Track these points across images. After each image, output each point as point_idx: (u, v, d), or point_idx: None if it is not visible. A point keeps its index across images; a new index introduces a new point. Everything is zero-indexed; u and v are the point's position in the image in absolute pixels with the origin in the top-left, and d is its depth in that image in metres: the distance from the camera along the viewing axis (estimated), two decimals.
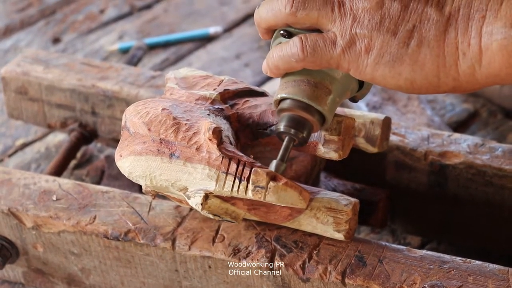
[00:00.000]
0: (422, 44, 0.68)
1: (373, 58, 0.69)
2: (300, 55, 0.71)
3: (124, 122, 0.81)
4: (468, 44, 0.67)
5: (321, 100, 0.73)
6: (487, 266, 0.76)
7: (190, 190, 0.76)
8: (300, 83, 0.73)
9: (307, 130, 0.74)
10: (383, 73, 0.70)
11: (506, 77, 0.67)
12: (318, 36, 0.71)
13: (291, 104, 0.74)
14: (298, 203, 0.74)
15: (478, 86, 0.69)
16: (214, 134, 0.75)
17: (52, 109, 1.06)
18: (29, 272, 0.91)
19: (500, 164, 0.88)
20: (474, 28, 0.67)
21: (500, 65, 0.66)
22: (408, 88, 0.70)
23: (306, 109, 0.73)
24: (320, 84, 0.73)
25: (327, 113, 0.74)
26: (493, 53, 0.66)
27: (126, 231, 0.84)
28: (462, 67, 0.68)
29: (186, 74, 0.85)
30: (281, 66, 0.73)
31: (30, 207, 0.87)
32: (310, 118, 0.74)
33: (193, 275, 0.83)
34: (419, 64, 0.68)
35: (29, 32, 1.39)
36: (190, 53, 1.33)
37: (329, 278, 0.77)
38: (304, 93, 0.73)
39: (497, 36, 0.66)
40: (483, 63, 0.67)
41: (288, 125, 0.74)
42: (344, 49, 0.70)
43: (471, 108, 1.16)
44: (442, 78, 0.68)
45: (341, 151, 0.78)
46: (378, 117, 0.85)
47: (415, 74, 0.69)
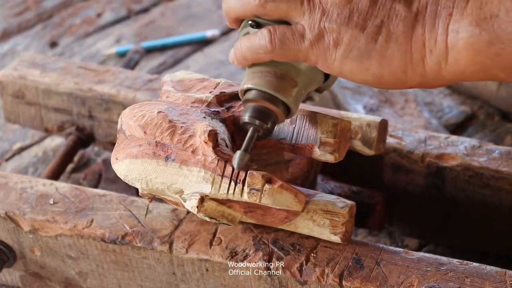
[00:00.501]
0: (390, 40, 0.68)
1: (341, 52, 0.69)
2: (269, 47, 0.72)
3: (120, 125, 0.81)
4: (435, 41, 0.67)
5: (287, 92, 0.74)
6: (485, 268, 0.76)
7: (186, 193, 0.76)
8: (266, 74, 0.74)
9: (272, 121, 0.75)
10: (351, 67, 0.70)
11: (472, 74, 0.67)
12: (286, 28, 0.71)
13: (256, 95, 0.74)
14: (294, 205, 0.74)
15: (444, 82, 0.69)
16: (210, 137, 0.75)
17: (49, 113, 1.06)
18: (26, 276, 0.91)
19: (497, 166, 0.88)
20: (441, 25, 0.67)
21: (466, 63, 0.66)
22: (375, 83, 0.70)
23: (271, 101, 0.74)
24: (286, 76, 0.74)
25: (292, 104, 0.74)
26: (459, 51, 0.66)
27: (123, 235, 0.83)
28: (428, 64, 0.68)
29: (182, 77, 0.85)
30: (249, 57, 0.74)
31: (27, 211, 0.87)
32: (275, 109, 0.74)
33: (190, 278, 0.83)
34: (387, 59, 0.68)
35: (27, 36, 1.39)
36: (187, 57, 1.33)
37: (327, 280, 0.77)
38: (270, 84, 0.74)
39: (463, 34, 0.66)
40: (449, 60, 0.67)
41: (252, 115, 0.74)
42: (313, 42, 0.70)
43: (469, 110, 1.16)
44: (409, 74, 0.69)
45: (337, 153, 0.78)
46: (374, 119, 0.85)
47: (382, 70, 0.69)
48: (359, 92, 1.14)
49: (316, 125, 0.78)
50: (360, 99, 1.13)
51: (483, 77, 0.67)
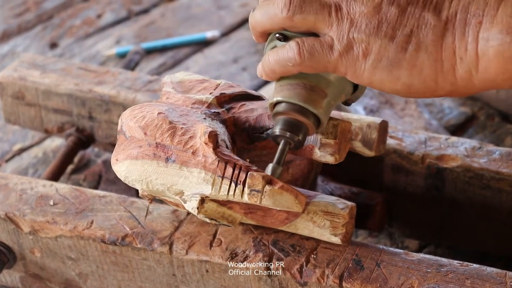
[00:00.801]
0: (420, 49, 0.68)
1: (371, 62, 0.69)
2: (297, 60, 0.71)
3: (120, 126, 0.80)
4: (465, 49, 0.67)
5: (317, 103, 0.73)
6: (485, 270, 0.76)
7: (186, 194, 0.76)
8: (296, 87, 0.73)
9: (303, 133, 0.74)
10: (381, 77, 0.70)
11: (503, 82, 0.67)
12: (315, 40, 0.71)
13: (286, 108, 0.74)
14: (294, 207, 0.74)
15: (475, 90, 0.69)
16: (210, 138, 0.75)
17: (49, 114, 1.05)
18: (26, 277, 0.91)
19: (497, 167, 0.88)
20: (471, 33, 0.67)
21: (496, 71, 0.66)
22: (405, 92, 0.70)
23: (302, 112, 0.73)
24: (316, 88, 0.73)
25: (323, 116, 0.74)
26: (490, 59, 0.66)
27: (124, 236, 0.83)
28: (459, 72, 0.68)
29: (182, 78, 0.85)
30: (277, 70, 0.73)
31: (27, 212, 0.86)
32: (305, 121, 0.74)
33: (190, 279, 0.83)
34: (417, 68, 0.68)
35: (27, 37, 1.39)
36: (187, 58, 1.33)
37: (327, 282, 0.77)
38: (300, 96, 0.73)
39: (493, 42, 0.66)
40: (480, 68, 0.67)
41: (283, 128, 0.74)
42: (342, 53, 0.70)
43: (469, 111, 1.16)
44: (440, 82, 0.69)
45: (337, 154, 0.78)
46: (375, 120, 0.85)
47: (413, 79, 0.69)
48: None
49: None
50: (360, 100, 1.13)
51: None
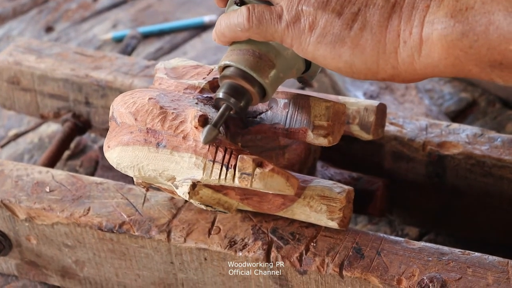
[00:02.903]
0: (365, 28, 0.68)
1: (316, 36, 0.69)
2: (246, 25, 0.72)
3: (112, 112, 0.80)
4: (410, 33, 0.67)
5: (264, 72, 0.74)
6: (487, 258, 0.76)
7: (178, 179, 0.75)
8: (245, 52, 0.74)
9: (246, 100, 0.74)
10: (324, 53, 0.70)
11: (445, 68, 0.66)
12: (265, 8, 0.71)
13: (233, 72, 0.74)
14: (286, 189, 0.73)
15: (417, 77, 0.69)
16: (200, 122, 0.74)
17: (45, 99, 1.05)
18: (22, 264, 0.90)
19: (499, 154, 0.87)
20: (418, 17, 0.66)
21: (439, 56, 0.66)
22: (347, 71, 0.70)
23: (247, 79, 0.74)
24: (265, 57, 0.74)
25: (268, 86, 0.74)
26: (433, 43, 0.66)
27: (121, 223, 0.83)
28: (401, 55, 0.67)
29: (176, 65, 0.84)
30: (227, 34, 0.74)
31: (23, 199, 0.86)
32: (250, 89, 0.74)
33: (188, 267, 0.82)
34: (360, 48, 0.68)
35: (22, 21, 1.38)
36: (184, 42, 1.32)
37: (327, 270, 0.76)
38: (247, 62, 0.74)
39: (437, 26, 0.65)
40: (422, 52, 0.66)
41: (227, 92, 0.74)
42: (289, 24, 0.70)
43: (469, 97, 1.15)
44: (381, 64, 0.68)
45: (331, 136, 0.77)
46: (372, 103, 0.84)
47: (354, 58, 0.68)
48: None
49: (310, 108, 0.77)
50: (360, 86, 1.12)
51: (455, 72, 0.66)
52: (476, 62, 0.65)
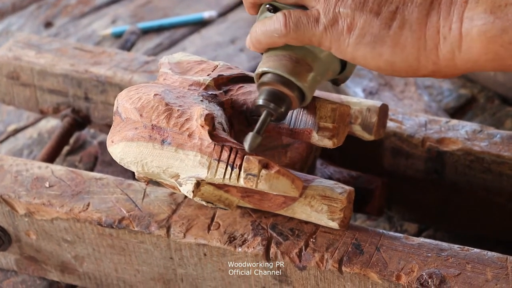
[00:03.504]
0: (404, 26, 0.68)
1: (355, 37, 0.69)
2: (283, 31, 0.72)
3: (116, 107, 0.80)
4: (449, 29, 0.67)
5: (302, 76, 0.73)
6: (486, 254, 0.76)
7: (182, 177, 0.75)
8: (282, 58, 0.74)
9: (286, 105, 0.74)
10: (364, 53, 0.70)
11: (485, 63, 0.67)
12: (302, 12, 0.71)
13: (271, 78, 0.74)
14: (291, 191, 0.73)
15: (457, 71, 0.69)
16: (206, 121, 0.74)
17: (44, 94, 1.04)
18: (21, 259, 0.90)
19: (498, 150, 0.87)
20: (456, 12, 0.66)
21: (479, 51, 0.66)
22: (388, 69, 0.70)
23: (286, 84, 0.73)
24: (302, 61, 0.74)
25: (307, 90, 0.74)
26: (473, 39, 0.66)
27: (120, 219, 0.83)
28: (442, 51, 0.68)
29: (180, 59, 0.84)
30: (263, 41, 0.74)
31: (23, 194, 0.86)
32: (289, 94, 0.74)
33: (188, 262, 0.82)
34: (400, 46, 0.68)
35: (21, 16, 1.38)
36: (184, 38, 1.32)
37: (326, 266, 0.77)
38: (285, 68, 0.73)
39: (477, 22, 0.65)
40: (463, 48, 0.67)
41: (267, 99, 0.74)
42: (327, 27, 0.70)
43: (468, 93, 1.15)
44: (422, 61, 0.68)
45: (336, 138, 0.77)
46: (375, 104, 0.84)
47: (395, 56, 0.69)
48: (359, 75, 1.13)
49: (315, 110, 0.77)
50: (359, 82, 1.12)
51: (496, 67, 0.67)
52: None
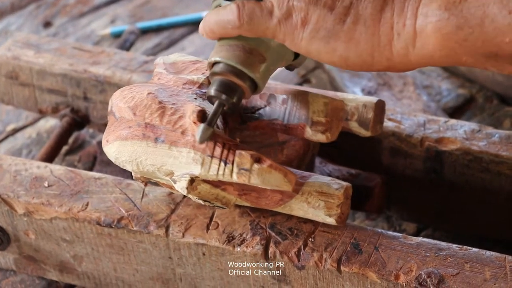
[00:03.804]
0: (358, 22, 0.68)
1: (309, 32, 0.69)
2: (237, 23, 0.71)
3: (110, 107, 0.80)
4: (403, 25, 0.66)
5: (255, 67, 0.73)
6: (484, 254, 0.76)
7: (176, 174, 0.76)
8: (235, 48, 0.73)
9: (238, 96, 0.74)
10: (317, 48, 0.69)
11: (440, 59, 0.67)
12: (255, 4, 0.71)
13: (223, 69, 0.74)
14: (284, 185, 0.73)
15: (412, 67, 0.69)
16: (198, 117, 0.75)
17: (43, 94, 1.04)
18: (20, 259, 0.90)
19: (497, 150, 0.87)
20: (410, 8, 0.66)
21: (434, 47, 0.66)
22: (342, 64, 0.70)
23: (238, 75, 0.73)
24: (255, 51, 0.73)
25: (260, 80, 0.74)
26: (428, 35, 0.65)
27: (119, 218, 0.83)
28: (396, 48, 0.67)
29: (175, 60, 0.84)
30: (216, 30, 0.73)
31: (22, 194, 0.86)
32: (241, 84, 0.74)
33: (187, 262, 0.82)
34: (354, 41, 0.68)
35: (20, 16, 1.38)
36: (183, 38, 1.32)
37: (325, 265, 0.77)
38: (238, 58, 0.73)
39: (432, 18, 0.65)
40: (417, 44, 0.66)
41: (219, 89, 0.74)
42: (280, 20, 0.70)
43: (467, 93, 1.15)
44: (376, 57, 0.68)
45: (329, 133, 0.77)
46: (371, 100, 0.84)
47: (349, 52, 0.68)
48: (357, 75, 1.13)
49: (308, 104, 0.78)
50: (358, 82, 1.12)
51: (450, 62, 0.67)
52: (471, 53, 0.65)
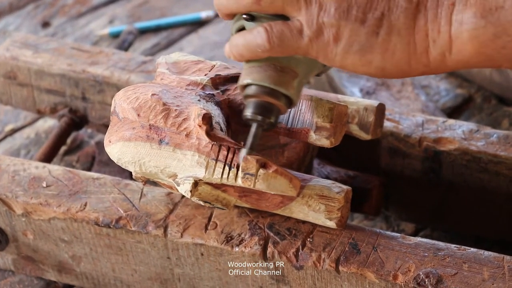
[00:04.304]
0: (392, 32, 0.67)
1: (342, 47, 0.68)
2: (267, 46, 0.70)
3: (114, 107, 0.80)
4: (438, 32, 0.66)
5: (288, 84, 0.72)
6: (482, 253, 0.76)
7: (180, 177, 0.75)
8: (266, 68, 0.72)
9: (275, 115, 0.73)
10: (353, 61, 0.69)
11: (476, 64, 0.67)
12: (283, 25, 0.69)
13: (257, 91, 0.72)
14: (289, 190, 0.73)
15: (448, 70, 0.69)
16: (204, 120, 0.74)
17: (41, 94, 1.04)
18: (19, 259, 0.90)
19: (495, 150, 0.87)
20: (444, 15, 0.66)
21: (470, 54, 0.66)
22: (378, 74, 0.69)
23: (273, 95, 0.72)
24: (286, 68, 0.72)
25: (294, 96, 0.73)
26: (464, 43, 0.65)
27: (118, 218, 0.83)
28: (432, 54, 0.67)
29: (177, 59, 0.84)
30: (245, 55, 0.72)
31: (20, 194, 0.86)
32: (277, 103, 0.73)
33: (185, 262, 0.82)
34: (390, 52, 0.68)
35: (18, 16, 1.38)
36: (181, 38, 1.32)
37: (323, 265, 0.77)
38: (271, 79, 0.72)
39: (467, 26, 0.65)
40: (453, 50, 0.66)
41: (255, 112, 0.73)
42: (312, 39, 0.69)
43: (465, 93, 1.15)
44: (413, 65, 0.68)
45: (333, 138, 0.77)
46: (372, 103, 0.84)
47: (386, 62, 0.68)
48: (356, 75, 1.13)
49: (312, 109, 0.77)
50: (356, 82, 1.12)
51: (487, 66, 0.67)
52: (509, 60, 0.65)
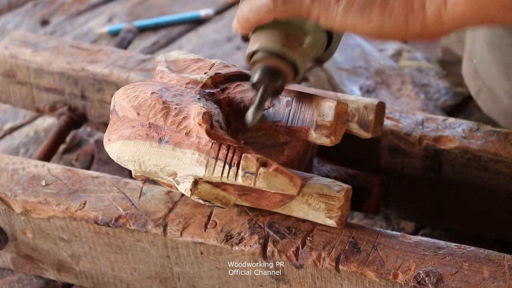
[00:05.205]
0: None
1: (343, 6, 0.70)
2: (271, 5, 0.72)
3: (113, 105, 0.80)
4: None
5: (294, 49, 0.74)
6: (483, 252, 0.76)
7: (179, 175, 0.75)
8: (271, 34, 0.73)
9: (281, 79, 0.74)
10: (352, 21, 0.71)
11: (470, 18, 0.69)
12: None
13: (263, 55, 0.74)
14: (289, 189, 0.73)
15: (444, 30, 0.71)
16: (204, 119, 0.74)
17: (40, 92, 1.04)
18: (18, 258, 0.90)
19: (495, 149, 0.87)
20: None
21: (463, 5, 0.68)
22: (377, 34, 0.71)
23: (279, 58, 0.73)
24: (292, 35, 0.74)
25: (300, 63, 0.74)
26: None
27: (117, 217, 0.83)
28: (429, 10, 0.69)
29: (177, 57, 0.84)
30: (251, 18, 0.73)
31: (19, 193, 0.85)
32: (283, 67, 0.73)
33: (185, 261, 0.82)
34: (388, 10, 0.70)
35: (17, 14, 1.38)
36: (181, 36, 1.32)
37: (323, 264, 0.77)
38: (276, 42, 0.73)
39: None
40: (448, 5, 0.69)
41: (262, 74, 0.73)
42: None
43: (465, 92, 1.15)
44: (411, 22, 0.70)
45: (333, 136, 0.77)
46: (372, 102, 0.84)
47: (384, 21, 0.70)
48: (355, 74, 1.13)
49: (313, 107, 0.77)
50: (356, 81, 1.12)
51: (481, 20, 0.69)
52: (499, 5, 0.67)
